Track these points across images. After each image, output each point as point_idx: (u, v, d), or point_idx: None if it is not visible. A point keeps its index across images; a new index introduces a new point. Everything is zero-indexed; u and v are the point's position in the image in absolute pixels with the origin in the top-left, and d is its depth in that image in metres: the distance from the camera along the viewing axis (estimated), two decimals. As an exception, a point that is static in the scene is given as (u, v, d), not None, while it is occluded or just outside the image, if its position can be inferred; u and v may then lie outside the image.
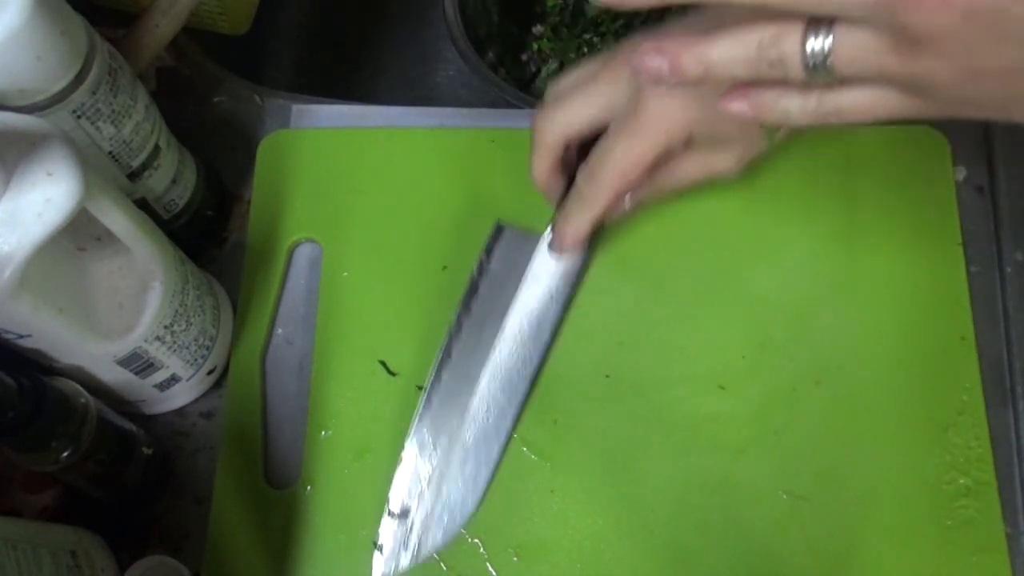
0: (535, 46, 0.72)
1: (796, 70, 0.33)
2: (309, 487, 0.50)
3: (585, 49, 0.69)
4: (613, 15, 0.69)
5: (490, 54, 0.67)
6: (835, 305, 0.52)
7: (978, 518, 0.48)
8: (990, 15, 0.29)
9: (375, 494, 0.49)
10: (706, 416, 0.50)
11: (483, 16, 0.67)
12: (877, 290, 0.52)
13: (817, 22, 0.32)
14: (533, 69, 0.71)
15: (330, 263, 0.54)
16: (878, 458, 0.49)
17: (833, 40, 0.32)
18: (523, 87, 0.69)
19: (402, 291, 0.53)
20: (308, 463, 0.50)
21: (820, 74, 0.33)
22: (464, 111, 0.58)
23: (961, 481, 0.48)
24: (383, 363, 0.52)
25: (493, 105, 0.61)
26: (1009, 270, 0.53)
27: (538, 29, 0.72)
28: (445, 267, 0.53)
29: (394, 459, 0.50)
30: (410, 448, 0.49)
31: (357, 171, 0.56)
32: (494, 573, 0.48)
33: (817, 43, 0.32)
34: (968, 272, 0.52)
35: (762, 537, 0.48)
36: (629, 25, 0.68)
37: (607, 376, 0.51)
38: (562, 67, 0.70)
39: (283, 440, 0.51)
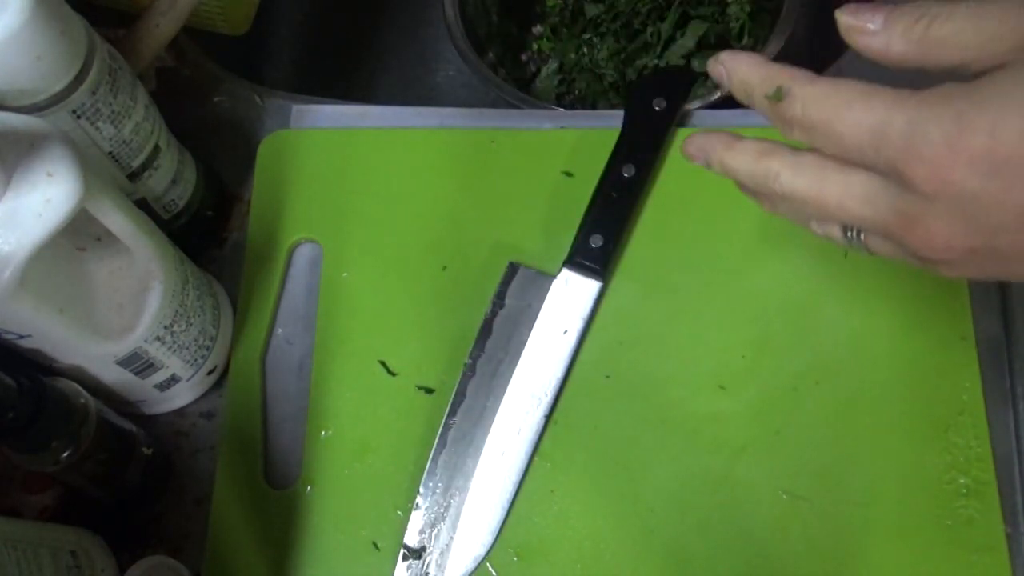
0: (535, 46, 0.72)
1: (840, 241, 0.39)
2: (309, 487, 0.50)
3: (584, 49, 0.69)
4: (613, 15, 0.69)
5: (490, 54, 0.67)
6: (835, 305, 0.52)
7: (978, 518, 0.48)
8: (990, 250, 0.33)
9: (375, 494, 0.49)
10: (706, 416, 0.50)
11: (483, 16, 0.67)
12: (877, 290, 0.52)
13: None
14: (533, 69, 0.71)
15: (330, 263, 0.54)
16: (878, 458, 0.49)
17: (864, 236, 0.38)
18: (523, 87, 0.69)
19: (402, 291, 0.53)
20: (308, 463, 0.50)
21: (858, 248, 0.38)
22: (464, 111, 0.58)
23: (961, 481, 0.48)
24: (383, 363, 0.52)
25: (493, 105, 0.61)
26: (1009, 270, 0.53)
27: (538, 29, 0.72)
28: (445, 267, 0.53)
29: (394, 459, 0.50)
30: (424, 489, 0.49)
31: (357, 171, 0.56)
32: (494, 573, 0.48)
33: (852, 232, 0.38)
34: (968, 272, 0.52)
35: (762, 537, 0.48)
36: (628, 24, 0.68)
37: (607, 376, 0.51)
38: (562, 67, 0.70)
39: (283, 440, 0.51)
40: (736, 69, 0.38)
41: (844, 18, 0.36)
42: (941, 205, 0.32)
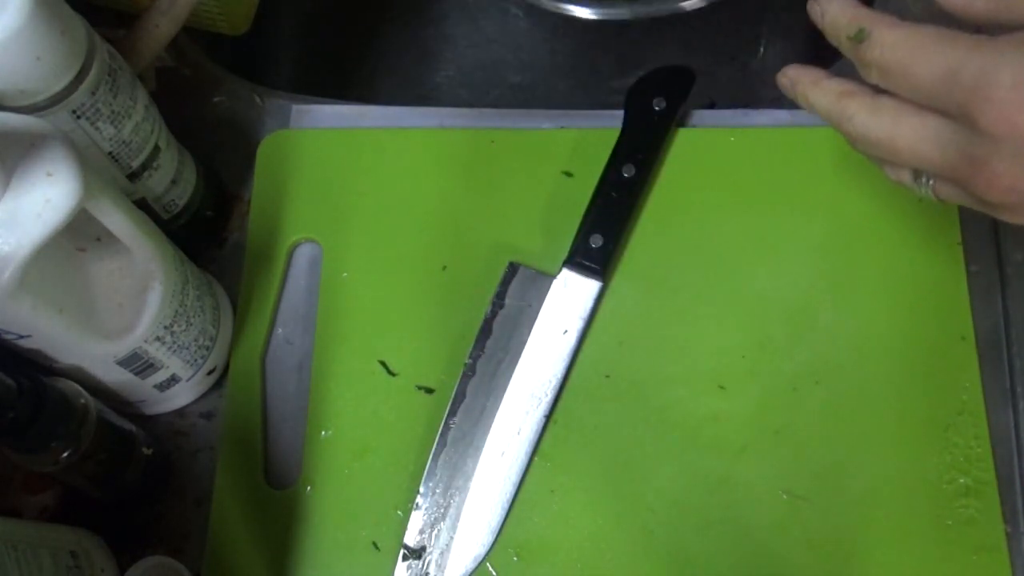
0: None
1: (910, 186, 0.40)
2: (309, 487, 0.50)
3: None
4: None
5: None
6: (835, 305, 0.52)
7: (978, 518, 0.48)
8: None
9: (375, 494, 0.49)
10: (706, 416, 0.50)
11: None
12: (877, 290, 0.52)
13: None
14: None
15: (330, 263, 0.54)
16: (878, 458, 0.49)
17: (934, 182, 0.39)
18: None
19: (402, 291, 0.53)
20: (308, 463, 0.50)
21: (927, 194, 0.40)
22: (464, 111, 0.58)
23: (961, 481, 0.48)
24: (383, 363, 0.52)
25: (495, 105, 0.61)
26: (1009, 270, 0.53)
27: None
28: (445, 267, 0.53)
29: (394, 459, 0.50)
30: (424, 489, 0.49)
31: (357, 171, 0.56)
32: (494, 573, 0.48)
33: (923, 177, 0.39)
34: (968, 272, 0.52)
35: (762, 537, 0.48)
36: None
37: (607, 376, 0.51)
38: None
39: (283, 440, 0.51)
40: (829, 9, 0.39)
41: None
42: (1007, 148, 0.33)
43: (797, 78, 0.42)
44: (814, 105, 0.41)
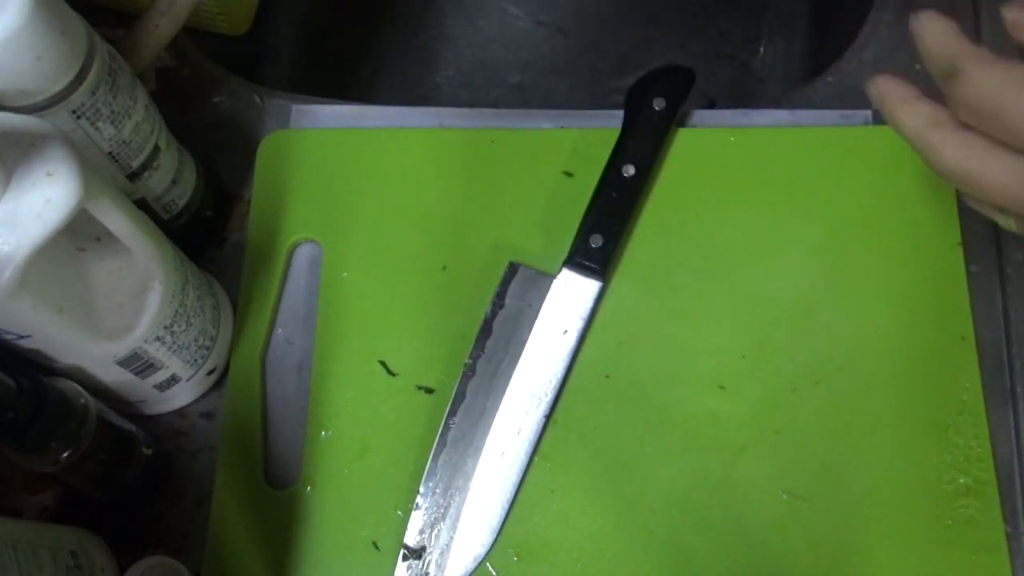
0: None
1: (993, 216, 0.41)
2: (309, 487, 0.50)
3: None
4: None
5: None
6: (835, 305, 0.52)
7: (978, 518, 0.48)
8: None
9: (375, 494, 0.49)
10: (706, 416, 0.50)
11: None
12: (877, 290, 0.52)
13: None
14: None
15: (330, 263, 0.54)
16: (878, 458, 0.49)
17: (1019, 221, 0.39)
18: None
19: (402, 291, 0.53)
20: (308, 463, 0.50)
21: (1008, 226, 0.40)
22: (464, 111, 0.58)
23: (961, 481, 0.48)
24: (383, 363, 0.52)
25: (495, 105, 0.61)
26: (1009, 270, 0.53)
27: None
28: (445, 267, 0.53)
29: (394, 459, 0.50)
30: (424, 489, 0.49)
31: (357, 171, 0.56)
32: (494, 573, 0.48)
33: (1008, 212, 0.39)
34: (968, 272, 0.52)
35: (762, 537, 0.48)
36: None
37: (607, 376, 0.51)
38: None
39: (283, 440, 0.51)
40: (924, 36, 0.38)
41: (1011, 15, 0.38)
42: None
43: (887, 93, 0.40)
44: (901, 126, 0.40)
